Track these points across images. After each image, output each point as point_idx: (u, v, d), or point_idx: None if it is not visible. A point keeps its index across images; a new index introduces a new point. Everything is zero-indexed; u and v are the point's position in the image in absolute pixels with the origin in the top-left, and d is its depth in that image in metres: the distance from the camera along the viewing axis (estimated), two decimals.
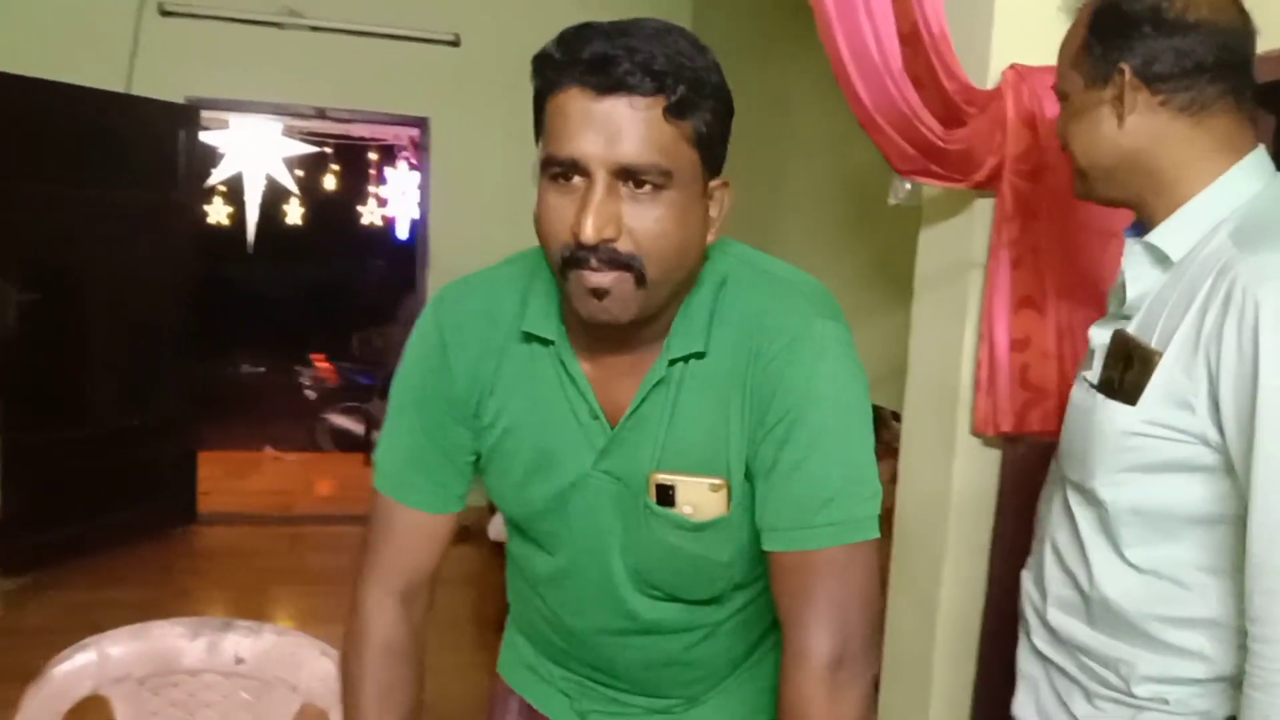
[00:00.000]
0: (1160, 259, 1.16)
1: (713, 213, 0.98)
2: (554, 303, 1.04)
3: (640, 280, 0.91)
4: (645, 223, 0.90)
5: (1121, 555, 1.19)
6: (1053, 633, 1.29)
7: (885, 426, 3.33)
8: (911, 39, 1.70)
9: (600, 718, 1.21)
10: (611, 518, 1.06)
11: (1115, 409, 1.16)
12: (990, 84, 1.75)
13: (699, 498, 1.01)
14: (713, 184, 0.96)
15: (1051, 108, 1.61)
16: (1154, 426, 1.13)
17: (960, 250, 1.89)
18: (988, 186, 1.77)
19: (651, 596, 1.09)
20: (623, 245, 0.90)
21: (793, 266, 1.07)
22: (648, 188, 0.89)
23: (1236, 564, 1.09)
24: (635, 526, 1.05)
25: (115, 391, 4.68)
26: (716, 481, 1.01)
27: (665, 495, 1.02)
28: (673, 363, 1.01)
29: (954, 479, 1.89)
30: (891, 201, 2.01)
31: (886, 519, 2.21)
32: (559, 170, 0.90)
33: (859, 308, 3.41)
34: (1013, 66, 1.71)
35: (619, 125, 0.87)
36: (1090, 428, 1.20)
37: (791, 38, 3.66)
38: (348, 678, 1.14)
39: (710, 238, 0.99)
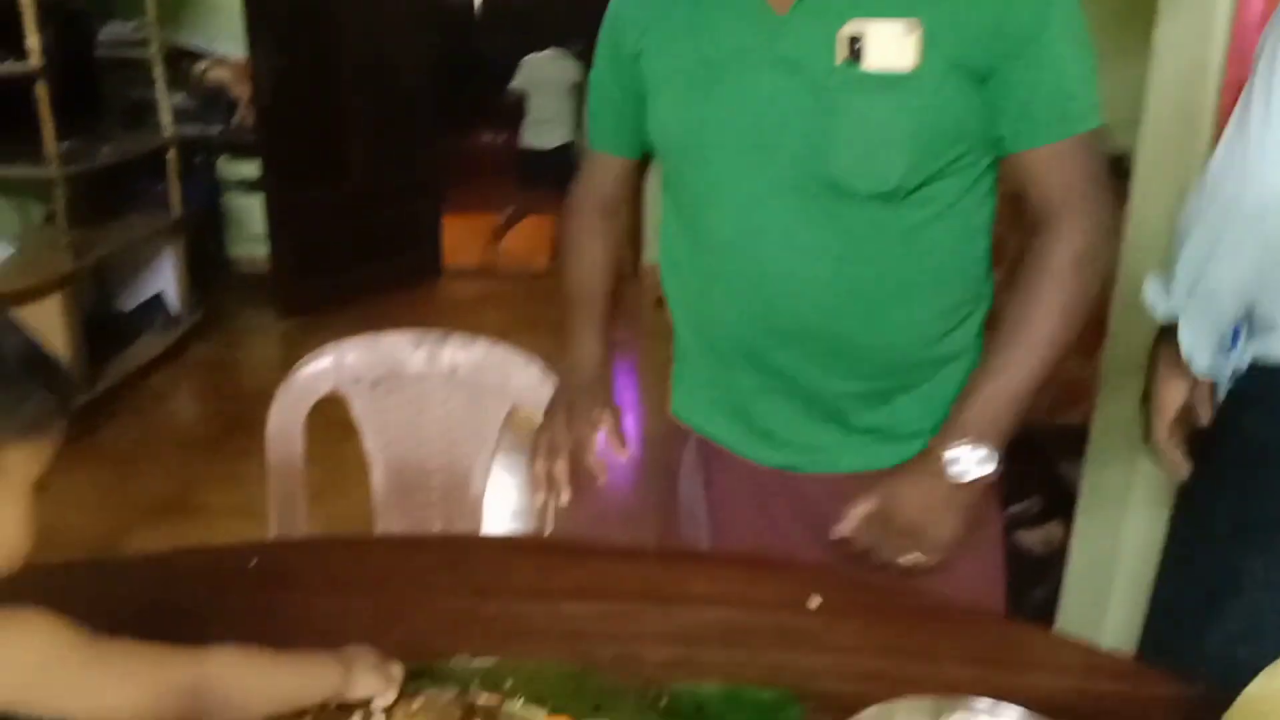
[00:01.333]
0: None
1: None
2: None
3: None
4: None
5: None
6: None
7: (1127, 177, 3.08)
8: None
9: (780, 431, 1.18)
10: (786, 103, 1.04)
11: None
12: None
13: (889, 43, 0.98)
14: None
15: None
16: None
17: None
18: None
19: (818, 196, 1.05)
20: None
21: None
22: None
23: None
24: (813, 109, 1.02)
25: (368, 154, 4.99)
26: (912, 21, 0.97)
27: (853, 49, 0.99)
28: None
29: None
30: None
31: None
32: None
33: (1114, 51, 3.11)
34: None
35: None
36: None
37: None
38: (562, 247, 1.40)
39: None
